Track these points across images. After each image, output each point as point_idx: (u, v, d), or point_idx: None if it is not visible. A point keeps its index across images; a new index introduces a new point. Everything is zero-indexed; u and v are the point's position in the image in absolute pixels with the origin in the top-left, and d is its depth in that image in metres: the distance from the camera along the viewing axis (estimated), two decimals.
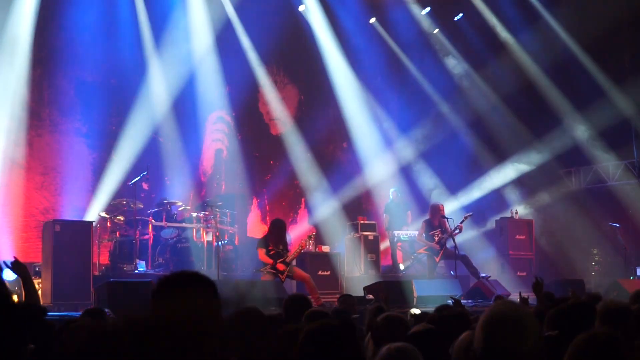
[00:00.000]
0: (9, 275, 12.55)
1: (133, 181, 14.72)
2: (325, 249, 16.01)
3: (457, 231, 15.03)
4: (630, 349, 3.26)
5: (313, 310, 6.05)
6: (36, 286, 6.14)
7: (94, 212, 15.01)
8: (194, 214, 15.05)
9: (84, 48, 16.00)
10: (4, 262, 5.78)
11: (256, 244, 13.21)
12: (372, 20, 19.86)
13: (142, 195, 15.32)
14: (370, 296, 12.40)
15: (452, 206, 18.09)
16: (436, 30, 19.97)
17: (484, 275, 14.92)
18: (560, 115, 18.88)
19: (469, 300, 13.20)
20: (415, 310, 8.87)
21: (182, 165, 16.97)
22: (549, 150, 19.01)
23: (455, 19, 19.93)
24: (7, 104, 14.63)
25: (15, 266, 5.88)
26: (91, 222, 13.29)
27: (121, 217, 14.62)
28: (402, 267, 16.75)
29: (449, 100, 19.94)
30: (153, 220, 14.54)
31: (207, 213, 14.76)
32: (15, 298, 5.06)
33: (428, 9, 19.76)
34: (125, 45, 16.48)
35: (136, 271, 14.02)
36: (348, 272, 15.86)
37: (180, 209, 15.20)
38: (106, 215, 14.56)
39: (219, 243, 14.16)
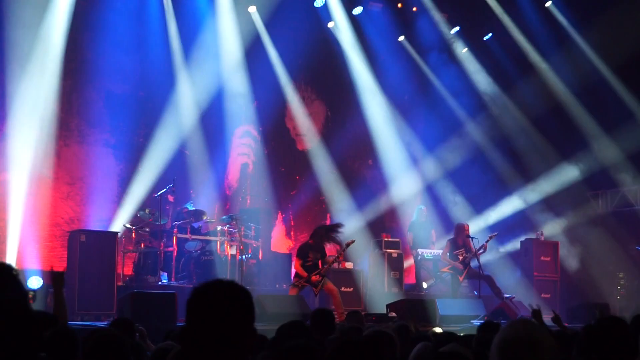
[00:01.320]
0: (34, 284, 12.67)
1: (159, 193, 14.80)
2: (349, 265, 15.98)
3: (481, 251, 14.95)
4: None
5: (349, 326, 6.06)
6: (64, 298, 6.20)
7: (119, 223, 15.08)
8: (219, 227, 15.07)
9: (113, 60, 16.13)
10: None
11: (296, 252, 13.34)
12: (401, 38, 19.86)
13: (168, 208, 15.38)
14: (393, 314, 12.36)
15: (477, 226, 18.01)
16: (465, 50, 19.93)
17: (507, 296, 14.83)
18: (589, 137, 18.76)
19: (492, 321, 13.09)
20: (438, 329, 8.82)
21: (208, 179, 17.02)
22: (576, 173, 18.89)
23: (485, 38, 19.88)
24: (37, 114, 14.74)
25: (52, 276, 6.03)
26: (116, 233, 13.35)
27: (146, 229, 14.69)
28: (425, 285, 16.70)
29: (476, 119, 19.87)
30: (177, 233, 14.59)
31: (231, 226, 14.78)
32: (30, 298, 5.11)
33: (457, 28, 19.74)
34: (154, 57, 16.61)
35: (159, 283, 14.06)
36: (371, 289, 15.78)
37: (205, 221, 15.23)
38: (131, 227, 14.62)
39: (243, 257, 14.18)
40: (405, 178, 19.53)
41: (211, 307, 2.54)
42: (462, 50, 19.95)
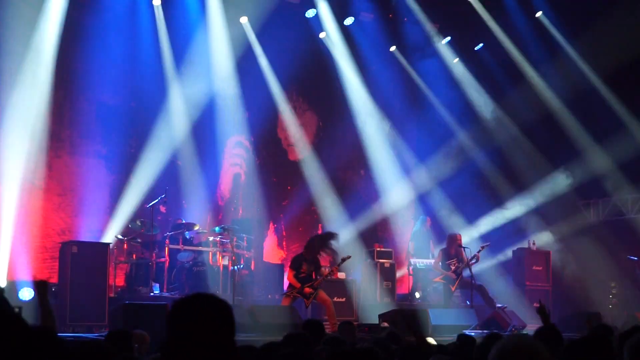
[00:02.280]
0: (25, 295, 12.62)
1: (151, 204, 14.78)
2: (341, 275, 15.97)
3: (473, 261, 14.96)
4: None
5: (333, 336, 6.03)
6: (50, 307, 6.15)
7: (111, 234, 15.04)
8: (211, 238, 15.06)
9: (105, 71, 16.10)
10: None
11: (289, 263, 13.35)
12: (392, 48, 19.90)
13: (160, 218, 15.35)
14: (385, 324, 12.34)
15: (469, 236, 18.02)
16: (456, 60, 19.96)
17: (500, 305, 14.84)
18: (580, 146, 18.79)
19: (484, 331, 13.11)
20: (431, 340, 8.81)
21: (200, 189, 17.00)
22: (567, 182, 18.91)
23: (476, 48, 19.93)
24: (28, 125, 14.71)
25: (35, 285, 5.97)
26: (108, 244, 13.31)
27: (138, 240, 14.66)
28: (417, 295, 16.70)
29: (467, 129, 19.91)
30: (169, 243, 14.56)
31: (223, 237, 14.77)
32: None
33: (448, 38, 19.78)
34: (145, 68, 16.59)
35: (151, 294, 14.02)
36: (363, 299, 15.79)
37: (197, 232, 15.21)
38: (123, 238, 14.59)
39: (235, 267, 14.16)
40: (397, 188, 19.53)
41: (191, 320, 2.55)
42: (453, 60, 19.97)
